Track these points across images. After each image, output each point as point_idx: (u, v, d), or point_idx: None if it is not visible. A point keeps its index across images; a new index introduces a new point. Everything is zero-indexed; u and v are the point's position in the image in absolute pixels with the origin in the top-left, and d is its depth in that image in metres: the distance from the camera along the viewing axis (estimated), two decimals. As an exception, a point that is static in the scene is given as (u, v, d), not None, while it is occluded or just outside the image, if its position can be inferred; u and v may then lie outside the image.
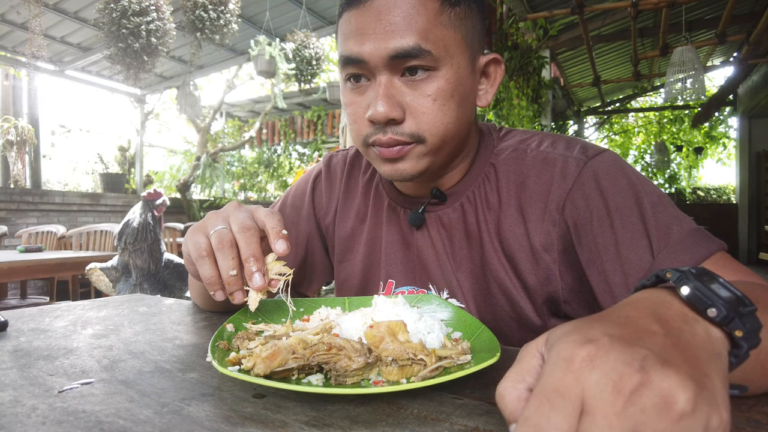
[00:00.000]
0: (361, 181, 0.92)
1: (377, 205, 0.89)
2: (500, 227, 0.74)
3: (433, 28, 0.65)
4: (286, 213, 0.97)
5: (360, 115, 0.70)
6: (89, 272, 2.95)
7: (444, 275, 0.79)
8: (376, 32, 0.65)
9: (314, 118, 9.33)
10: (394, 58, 0.65)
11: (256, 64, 5.50)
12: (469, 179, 0.79)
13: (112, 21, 4.35)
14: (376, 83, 0.68)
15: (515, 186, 0.74)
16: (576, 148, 0.73)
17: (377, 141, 0.69)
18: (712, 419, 0.27)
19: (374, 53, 0.65)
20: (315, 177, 0.97)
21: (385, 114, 0.66)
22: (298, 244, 0.95)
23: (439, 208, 0.80)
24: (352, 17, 0.68)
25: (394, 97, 0.67)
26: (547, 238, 0.71)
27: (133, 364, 0.56)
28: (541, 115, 5.91)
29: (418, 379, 0.45)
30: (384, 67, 0.66)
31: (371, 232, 0.88)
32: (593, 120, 12.17)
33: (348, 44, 0.68)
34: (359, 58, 0.67)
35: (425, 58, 0.65)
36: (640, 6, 4.35)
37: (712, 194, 13.58)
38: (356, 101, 0.71)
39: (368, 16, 0.66)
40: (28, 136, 5.68)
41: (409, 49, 0.64)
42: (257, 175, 10.80)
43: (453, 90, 0.68)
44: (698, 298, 0.35)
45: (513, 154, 0.77)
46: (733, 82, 8.37)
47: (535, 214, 0.72)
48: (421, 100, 0.67)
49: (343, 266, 0.92)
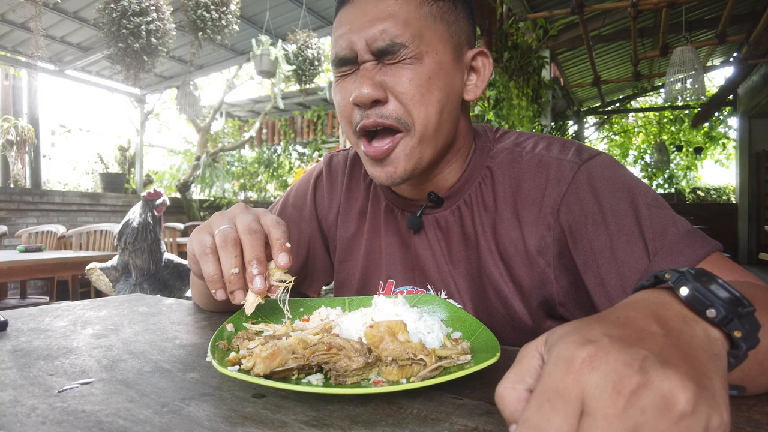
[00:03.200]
0: (363, 181, 0.92)
1: (376, 206, 0.89)
2: (496, 230, 0.75)
3: (413, 21, 0.68)
4: (288, 213, 0.97)
5: (346, 101, 0.72)
6: (89, 272, 2.95)
7: (441, 277, 0.79)
8: (360, 25, 0.68)
9: (314, 118, 9.33)
10: (374, 47, 0.67)
11: (256, 64, 5.50)
12: (465, 182, 0.79)
13: (112, 21, 4.35)
14: (359, 70, 0.70)
15: (511, 189, 0.75)
16: (571, 151, 0.73)
17: (363, 125, 0.70)
18: (712, 419, 0.27)
19: (357, 43, 0.68)
20: (316, 177, 0.97)
21: (369, 95, 0.67)
22: (300, 245, 0.95)
23: (436, 211, 0.81)
24: (342, 15, 0.72)
25: (374, 78, 0.68)
26: (542, 242, 0.71)
27: (133, 364, 0.56)
28: (541, 115, 5.91)
29: (417, 379, 0.45)
30: (365, 55, 0.69)
31: (371, 232, 0.88)
32: (593, 120, 12.17)
33: (338, 43, 0.71)
34: (345, 51, 0.70)
35: (401, 51, 0.67)
36: (640, 6, 4.35)
37: (711, 194, 13.58)
38: (343, 88, 0.73)
39: (354, 12, 0.70)
40: (28, 136, 5.68)
41: (385, 47, 0.67)
42: (257, 175, 10.79)
43: (434, 78, 0.69)
44: (697, 299, 0.35)
45: (509, 156, 0.77)
46: (733, 82, 8.37)
47: (530, 217, 0.72)
48: (402, 81, 0.68)
49: (343, 266, 0.92)
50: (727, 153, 12.59)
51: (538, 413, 0.28)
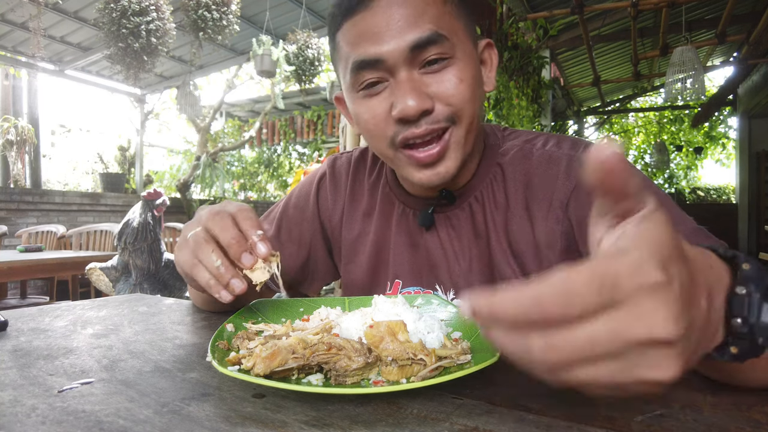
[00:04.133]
0: (367, 182, 0.92)
1: (384, 206, 0.89)
2: (508, 227, 0.75)
3: (443, 16, 0.67)
4: (290, 214, 0.97)
5: (381, 117, 0.69)
6: (89, 272, 2.95)
7: (452, 276, 0.79)
8: (390, 29, 0.65)
9: (314, 118, 9.32)
10: (414, 49, 0.65)
11: (256, 64, 5.49)
12: (476, 180, 0.79)
13: (112, 21, 4.35)
14: (395, 81, 0.67)
15: (522, 185, 0.75)
16: (581, 147, 0.74)
17: (411, 135, 0.68)
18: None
19: (393, 50, 0.65)
20: (319, 179, 0.97)
21: (417, 107, 0.65)
22: (302, 246, 0.95)
23: (448, 208, 0.81)
24: (359, 21, 0.67)
25: (420, 89, 0.66)
26: (551, 236, 0.72)
27: (133, 363, 0.56)
28: (540, 115, 5.91)
29: (417, 378, 0.45)
30: (403, 63, 0.66)
31: (378, 233, 0.88)
32: (593, 120, 12.16)
33: (360, 48, 0.67)
34: (377, 57, 0.66)
35: (444, 44, 0.66)
36: (640, 6, 4.35)
37: (711, 194, 13.58)
38: (372, 105, 0.70)
39: (377, 16, 0.66)
40: (28, 136, 5.68)
41: (429, 37, 0.65)
42: (257, 174, 10.79)
43: (471, 74, 0.69)
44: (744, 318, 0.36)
45: (519, 153, 0.78)
46: (733, 82, 8.36)
47: (541, 212, 0.73)
48: (447, 84, 0.67)
49: (349, 268, 0.92)
50: (727, 153, 12.58)
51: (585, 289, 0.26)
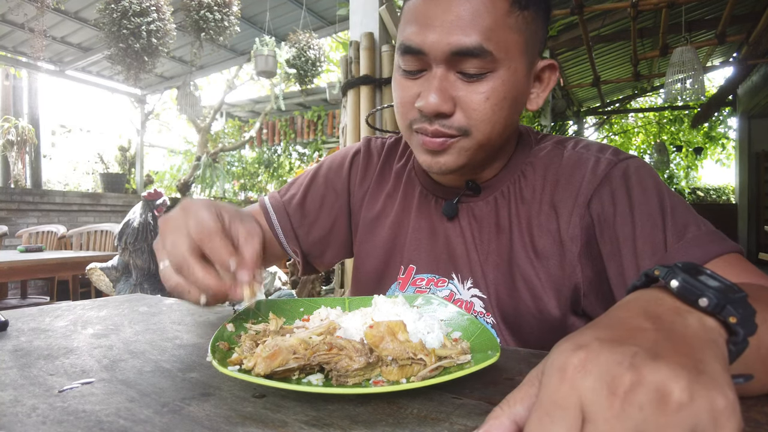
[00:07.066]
0: (395, 167, 0.94)
1: (408, 191, 0.89)
2: (531, 222, 0.76)
3: (498, 29, 0.64)
4: (319, 183, 0.96)
5: (408, 100, 0.70)
6: (89, 272, 2.95)
7: (470, 266, 0.80)
8: (441, 24, 0.64)
9: (314, 119, 9.32)
10: (455, 55, 0.64)
11: (256, 64, 5.50)
12: (504, 174, 0.80)
13: (113, 21, 4.36)
14: (431, 74, 0.67)
15: (550, 183, 0.76)
16: (608, 151, 0.76)
17: (422, 129, 0.70)
18: (716, 401, 0.26)
19: (435, 46, 0.65)
20: (354, 154, 0.98)
21: (436, 107, 0.66)
22: (327, 215, 0.95)
23: (472, 199, 0.82)
24: (421, 4, 0.67)
25: (447, 91, 0.66)
26: (573, 231, 0.73)
27: (133, 363, 0.56)
28: (540, 115, 5.91)
29: (417, 378, 0.45)
30: (442, 61, 0.66)
31: (398, 216, 0.89)
32: (593, 120, 12.16)
33: (409, 32, 0.67)
34: (419, 48, 0.66)
35: (486, 59, 0.64)
36: (639, 6, 4.34)
37: (711, 194, 13.58)
38: (407, 86, 0.71)
39: (437, 6, 0.65)
40: (28, 136, 5.69)
41: (471, 48, 0.63)
42: (257, 175, 10.79)
43: (507, 92, 0.67)
44: (687, 290, 0.35)
45: (550, 153, 0.79)
46: (732, 83, 8.36)
47: (566, 209, 0.74)
48: (474, 96, 0.66)
49: (363, 247, 0.92)
50: (726, 153, 12.58)
51: (540, 427, 0.27)
